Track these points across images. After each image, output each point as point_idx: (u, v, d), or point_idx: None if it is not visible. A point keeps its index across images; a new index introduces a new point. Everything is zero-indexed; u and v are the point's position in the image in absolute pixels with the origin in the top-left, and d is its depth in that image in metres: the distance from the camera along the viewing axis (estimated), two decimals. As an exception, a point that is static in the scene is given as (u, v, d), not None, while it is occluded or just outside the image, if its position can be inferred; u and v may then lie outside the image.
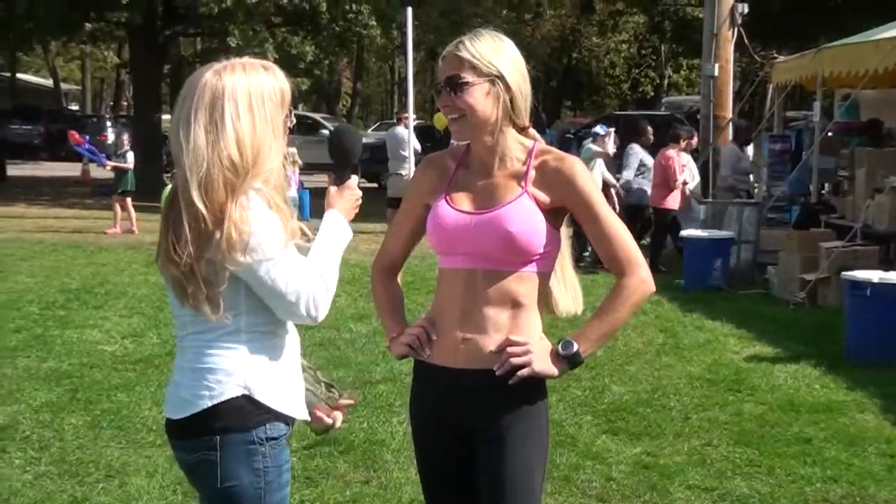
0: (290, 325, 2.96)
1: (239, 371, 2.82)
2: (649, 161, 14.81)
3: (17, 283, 11.75)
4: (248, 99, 2.80)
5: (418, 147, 16.94)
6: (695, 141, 15.39)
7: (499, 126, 3.00)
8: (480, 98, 2.96)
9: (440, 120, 17.04)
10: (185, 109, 2.80)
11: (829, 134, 15.65)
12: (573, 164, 3.01)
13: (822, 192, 15.32)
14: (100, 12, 24.61)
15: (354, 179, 3.20)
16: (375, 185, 25.33)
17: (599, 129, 15.43)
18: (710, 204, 14.24)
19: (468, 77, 2.95)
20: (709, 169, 16.24)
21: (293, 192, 17.18)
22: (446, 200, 3.06)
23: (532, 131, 3.10)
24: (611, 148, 15.31)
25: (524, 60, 3.05)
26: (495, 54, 2.97)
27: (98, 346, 8.69)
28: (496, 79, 2.96)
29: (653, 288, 3.01)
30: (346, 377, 7.74)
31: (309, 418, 3.04)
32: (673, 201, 14.12)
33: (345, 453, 6.07)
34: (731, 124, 16.71)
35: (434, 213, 3.08)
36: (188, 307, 2.81)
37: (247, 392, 2.82)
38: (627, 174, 15.09)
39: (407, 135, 15.84)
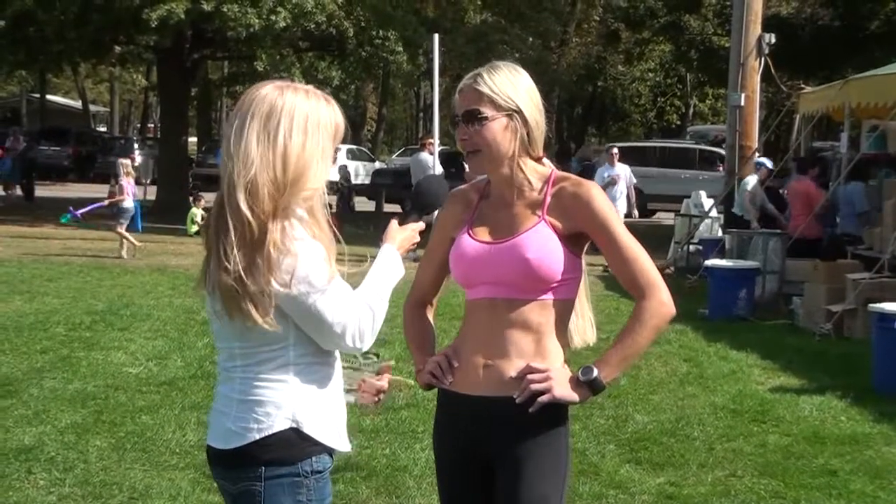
0: (335, 352, 2.93)
1: (288, 404, 2.80)
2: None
3: (45, 304, 11.81)
4: (304, 120, 2.78)
5: (442, 172, 17.00)
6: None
7: (515, 158, 3.03)
8: (499, 132, 2.99)
9: None
10: (241, 118, 2.79)
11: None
12: (590, 188, 3.03)
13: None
14: (129, 35, 24.84)
15: (420, 224, 3.18)
16: (399, 208, 25.47)
17: (766, 160, 15.28)
18: (735, 234, 14.18)
19: (487, 111, 2.98)
20: (733, 199, 16.22)
21: (129, 203, 17.25)
22: (468, 233, 3.09)
23: (546, 160, 3.12)
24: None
25: (550, 89, 3.07)
26: (513, 88, 3.00)
27: (123, 368, 8.72)
28: (514, 113, 2.99)
29: (673, 311, 3.01)
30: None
31: (350, 448, 2.98)
32: (815, 229, 13.98)
33: (367, 479, 6.05)
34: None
35: (456, 246, 3.11)
36: (238, 319, 2.75)
37: (295, 425, 2.79)
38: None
39: (431, 160, 15.90)
